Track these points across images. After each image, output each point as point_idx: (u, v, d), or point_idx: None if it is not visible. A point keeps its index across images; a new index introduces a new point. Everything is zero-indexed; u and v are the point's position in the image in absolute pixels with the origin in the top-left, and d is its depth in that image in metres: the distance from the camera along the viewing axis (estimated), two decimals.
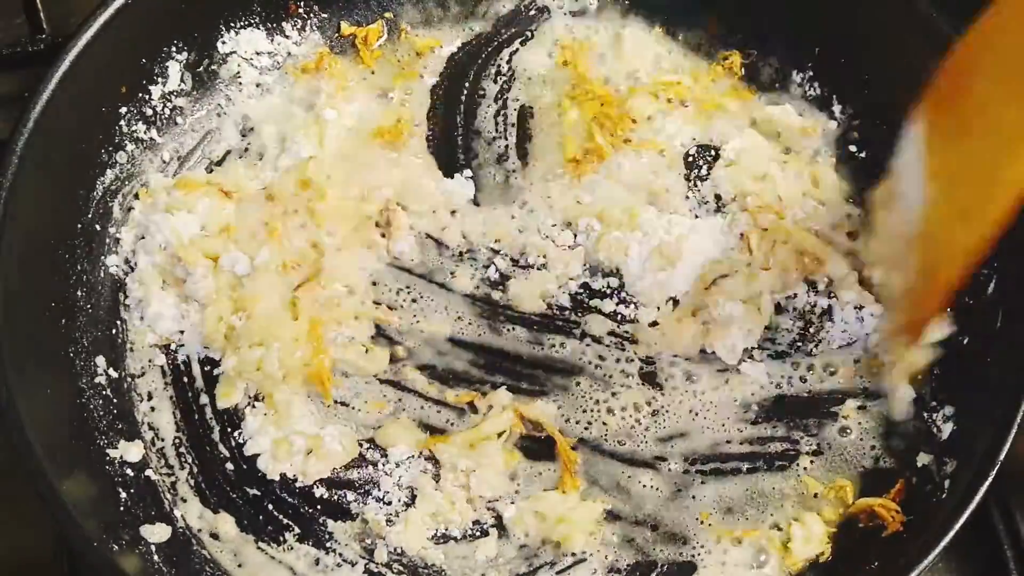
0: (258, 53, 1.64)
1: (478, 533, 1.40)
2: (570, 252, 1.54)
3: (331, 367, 1.45)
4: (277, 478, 1.41)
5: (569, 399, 1.47)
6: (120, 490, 1.38)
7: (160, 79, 1.56)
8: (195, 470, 1.43)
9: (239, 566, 1.38)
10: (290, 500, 1.41)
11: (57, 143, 1.40)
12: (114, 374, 1.46)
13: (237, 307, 1.47)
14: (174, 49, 1.56)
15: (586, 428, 1.45)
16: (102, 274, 1.50)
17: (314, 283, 1.48)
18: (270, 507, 1.41)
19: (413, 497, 1.41)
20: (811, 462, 1.44)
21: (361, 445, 1.44)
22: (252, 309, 1.46)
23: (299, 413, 1.44)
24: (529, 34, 1.69)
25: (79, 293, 1.46)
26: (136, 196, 1.54)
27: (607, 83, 1.64)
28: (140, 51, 1.52)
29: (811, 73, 1.63)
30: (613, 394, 1.47)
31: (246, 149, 1.61)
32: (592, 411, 1.46)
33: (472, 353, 1.49)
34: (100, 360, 1.45)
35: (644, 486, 1.42)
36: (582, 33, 1.68)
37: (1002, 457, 1.27)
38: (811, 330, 1.51)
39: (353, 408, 1.46)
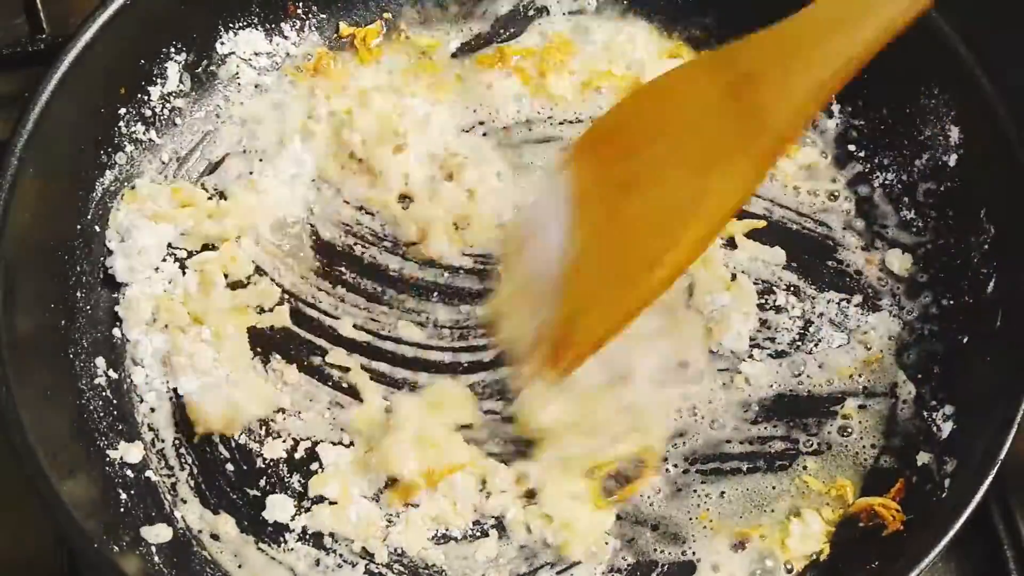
0: (256, 54, 1.64)
1: (478, 534, 1.40)
2: None
3: None
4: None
5: None
6: (120, 491, 1.37)
7: (159, 80, 1.55)
8: (195, 471, 1.42)
9: (239, 567, 1.37)
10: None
11: (57, 143, 1.40)
12: (114, 375, 1.46)
13: None
14: (173, 50, 1.56)
15: None
16: (101, 275, 1.49)
17: None
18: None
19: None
20: (811, 462, 1.44)
21: None
22: None
23: None
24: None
25: (78, 294, 1.46)
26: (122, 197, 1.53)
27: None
28: (139, 52, 1.52)
29: None
30: None
31: (244, 151, 1.60)
32: None
33: None
34: (100, 361, 1.45)
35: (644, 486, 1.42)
36: (580, 34, 1.69)
37: (1002, 457, 1.27)
38: (811, 330, 1.51)
39: None
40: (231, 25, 1.61)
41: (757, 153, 1.15)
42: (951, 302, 1.48)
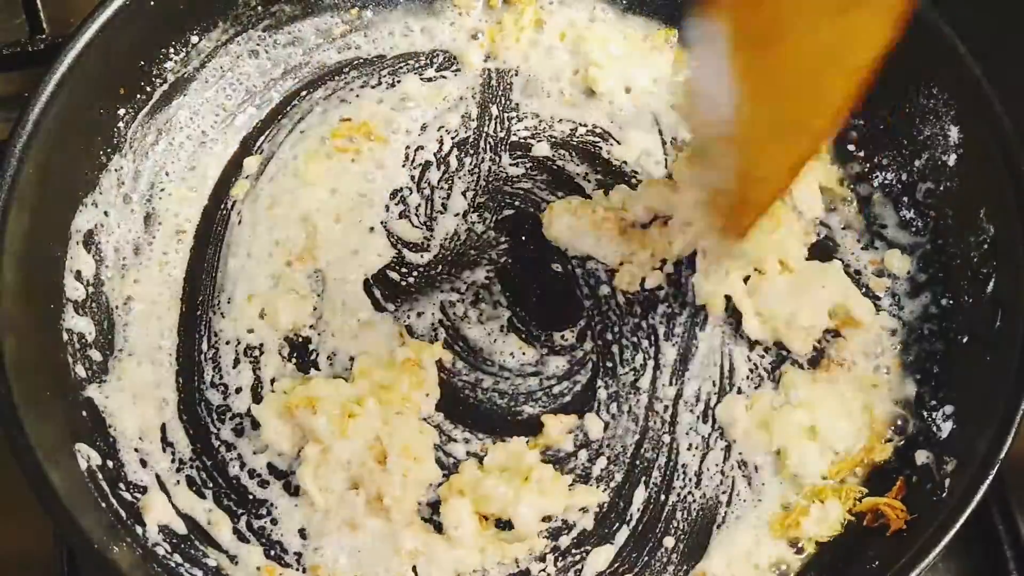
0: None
1: None
2: None
3: None
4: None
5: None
6: (121, 490, 1.38)
7: (158, 81, 1.55)
8: (195, 471, 1.42)
9: (237, 567, 1.37)
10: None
11: (57, 143, 1.40)
12: None
13: None
14: (172, 51, 1.56)
15: None
16: (101, 277, 1.49)
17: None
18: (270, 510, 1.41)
19: None
20: None
21: None
22: None
23: None
24: None
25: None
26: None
27: None
28: (139, 52, 1.52)
29: None
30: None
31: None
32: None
33: None
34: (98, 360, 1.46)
35: None
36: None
37: (1002, 456, 1.27)
38: None
39: None
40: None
41: None
42: (951, 302, 1.48)
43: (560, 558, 1.39)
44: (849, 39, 1.12)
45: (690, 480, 1.43)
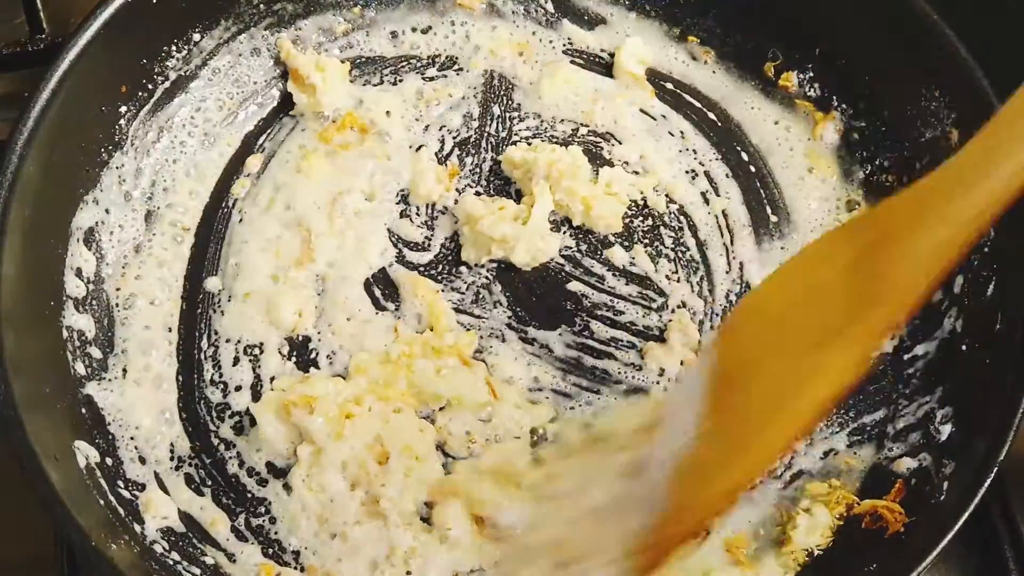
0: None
1: None
2: None
3: None
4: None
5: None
6: (121, 489, 1.38)
7: (160, 79, 1.56)
8: (193, 469, 1.43)
9: (235, 565, 1.38)
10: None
11: (57, 143, 1.40)
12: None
13: None
14: (174, 48, 1.56)
15: None
16: (102, 275, 1.50)
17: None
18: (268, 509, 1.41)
19: None
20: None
21: None
22: None
23: None
24: None
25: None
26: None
27: None
28: (140, 51, 1.52)
29: (811, 74, 1.63)
30: None
31: None
32: None
33: None
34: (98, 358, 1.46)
35: None
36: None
37: (1001, 459, 1.26)
38: None
39: None
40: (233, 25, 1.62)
41: (863, 332, 1.05)
42: (951, 305, 1.48)
43: None
44: (817, 375, 1.07)
45: None
